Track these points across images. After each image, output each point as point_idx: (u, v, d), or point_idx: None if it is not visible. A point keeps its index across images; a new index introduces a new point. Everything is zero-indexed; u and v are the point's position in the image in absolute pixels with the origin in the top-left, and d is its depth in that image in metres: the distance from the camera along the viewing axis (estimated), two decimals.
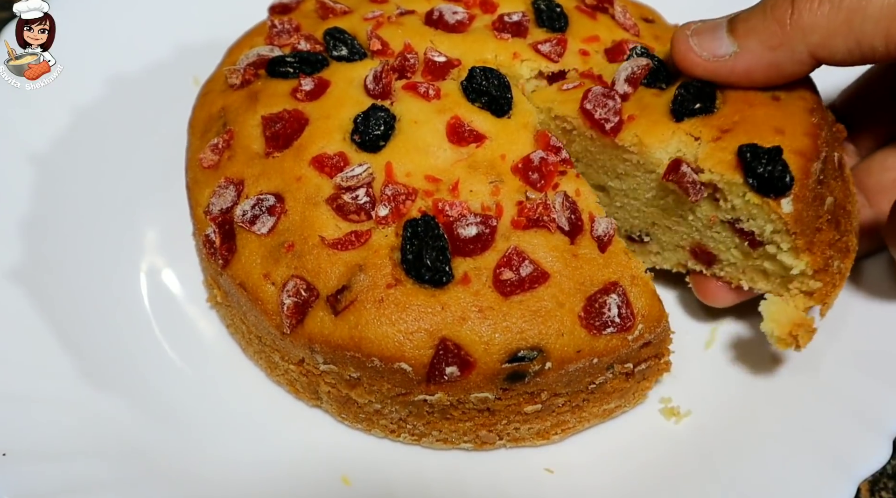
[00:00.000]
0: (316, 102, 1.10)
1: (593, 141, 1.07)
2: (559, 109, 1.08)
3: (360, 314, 0.97)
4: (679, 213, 1.08)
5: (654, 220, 1.13)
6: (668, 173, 1.01)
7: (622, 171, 1.08)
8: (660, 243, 1.16)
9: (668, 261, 1.18)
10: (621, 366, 1.05)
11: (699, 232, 1.09)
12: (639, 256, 1.14)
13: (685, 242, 1.12)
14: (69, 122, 1.36)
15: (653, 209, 1.11)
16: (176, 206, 1.24)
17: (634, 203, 1.12)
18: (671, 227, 1.11)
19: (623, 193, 1.12)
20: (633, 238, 1.18)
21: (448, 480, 1.10)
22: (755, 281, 1.10)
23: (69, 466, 1.02)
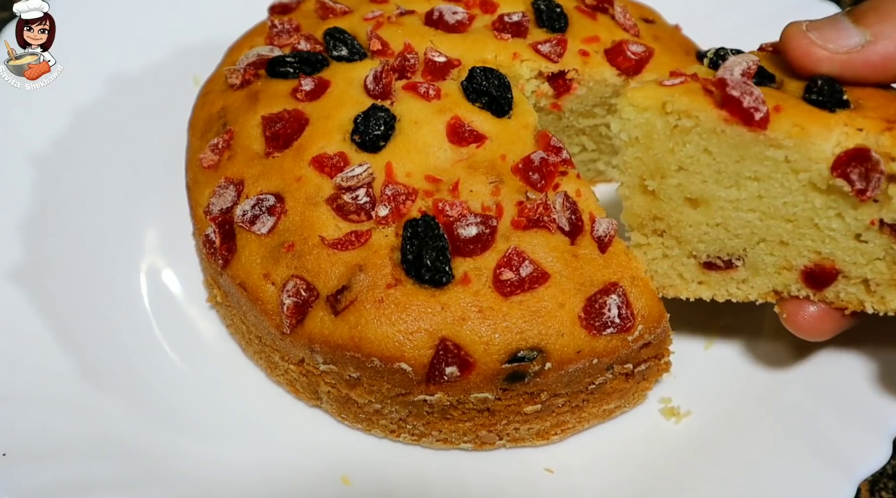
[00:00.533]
0: (316, 102, 1.10)
1: (721, 137, 0.91)
2: (679, 103, 0.91)
3: (360, 314, 0.97)
4: (817, 221, 0.94)
5: (764, 235, 0.97)
6: (840, 166, 0.88)
7: (753, 174, 0.92)
8: (755, 267, 1.00)
9: (757, 289, 1.02)
10: (621, 366, 1.05)
11: (835, 242, 0.95)
12: (709, 288, 1.03)
13: (801, 260, 0.97)
14: (69, 122, 1.36)
15: (774, 221, 0.95)
16: (176, 206, 1.24)
17: (745, 216, 0.96)
18: (791, 241, 0.96)
19: (734, 205, 0.95)
20: (714, 264, 1.01)
21: (448, 480, 1.10)
22: (890, 300, 0.96)
23: (69, 466, 1.02)
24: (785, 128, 0.88)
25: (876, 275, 0.94)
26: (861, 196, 0.89)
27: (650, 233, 1.01)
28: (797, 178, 0.91)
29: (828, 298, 0.99)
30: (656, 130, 0.93)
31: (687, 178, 0.95)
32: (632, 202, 1.00)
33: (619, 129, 0.94)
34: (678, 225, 0.97)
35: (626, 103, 0.93)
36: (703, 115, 0.90)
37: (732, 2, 1.53)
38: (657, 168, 0.96)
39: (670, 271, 1.03)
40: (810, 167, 0.89)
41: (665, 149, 0.94)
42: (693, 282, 1.03)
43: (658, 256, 1.02)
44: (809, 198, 0.92)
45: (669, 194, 0.97)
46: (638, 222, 1.01)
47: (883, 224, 0.91)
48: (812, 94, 0.91)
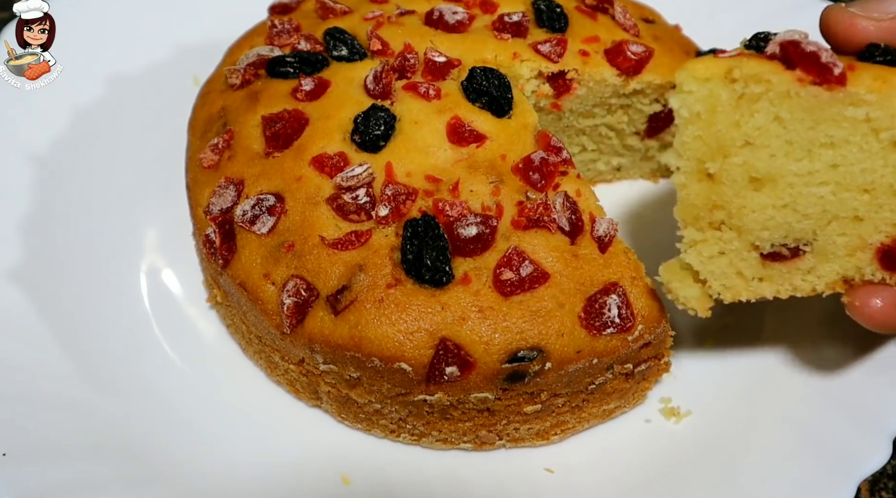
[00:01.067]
0: (316, 102, 1.10)
1: (795, 101, 0.84)
2: (748, 67, 0.84)
3: (360, 314, 0.97)
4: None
5: (837, 211, 0.89)
6: None
7: (828, 140, 0.86)
8: (825, 252, 0.91)
9: (825, 277, 0.93)
10: (621, 366, 1.05)
11: None
12: (771, 284, 0.93)
13: (878, 237, 0.89)
14: (69, 122, 1.36)
15: (849, 193, 0.88)
16: (176, 206, 1.24)
17: (817, 191, 0.88)
18: (867, 215, 0.88)
19: (804, 180, 0.88)
20: (778, 255, 0.92)
21: (448, 480, 1.10)
22: None
23: (69, 466, 1.02)
24: (866, 82, 0.83)
25: None
26: None
27: (706, 227, 0.92)
28: (878, 139, 0.85)
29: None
30: (720, 102, 0.85)
31: (753, 154, 0.87)
32: (689, 191, 0.90)
33: (679, 105, 0.86)
34: (740, 212, 0.89)
35: (688, 75, 0.85)
36: (776, 78, 0.84)
37: (732, 2, 1.54)
38: (719, 147, 0.87)
39: (728, 270, 0.93)
40: (894, 124, 0.84)
41: (730, 122, 0.86)
42: (754, 279, 0.94)
43: (714, 253, 0.93)
44: (891, 160, 0.86)
45: (733, 176, 0.88)
46: (694, 215, 0.91)
47: None
48: (877, 57, 0.86)
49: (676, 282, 0.93)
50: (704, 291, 0.93)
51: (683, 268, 0.92)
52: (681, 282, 0.94)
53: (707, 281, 0.93)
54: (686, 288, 0.93)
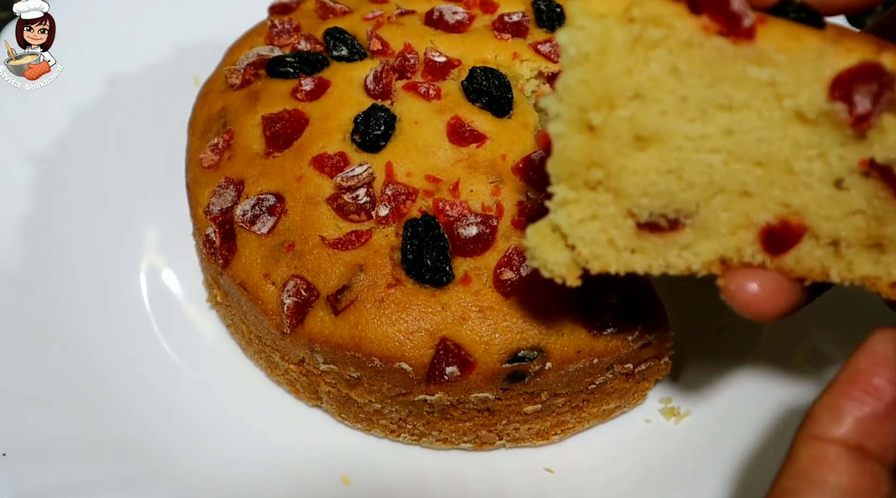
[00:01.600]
0: (316, 102, 1.10)
1: (696, 52, 0.74)
2: (649, 7, 0.73)
3: (361, 314, 0.97)
4: (794, 163, 0.79)
5: (725, 184, 0.80)
6: (842, 85, 0.74)
7: (727, 102, 0.76)
8: (705, 227, 0.82)
9: (702, 256, 0.83)
10: (621, 366, 1.05)
11: (810, 191, 0.79)
12: (644, 258, 0.82)
13: (764, 216, 0.81)
14: (69, 122, 1.36)
15: (741, 165, 0.79)
16: (176, 206, 1.24)
17: (707, 158, 0.79)
18: (756, 191, 0.80)
19: (695, 145, 0.78)
20: (655, 225, 0.82)
21: (448, 480, 1.10)
22: (859, 265, 0.82)
23: (69, 466, 1.02)
24: (776, 39, 0.73)
25: (850, 232, 0.80)
26: (860, 124, 0.74)
27: (581, 186, 0.80)
28: (781, 106, 0.76)
29: (787, 264, 0.82)
30: (614, 44, 0.74)
31: (642, 108, 0.76)
32: (566, 143, 0.77)
33: (567, 42, 0.74)
34: (619, 173, 0.78)
35: (580, 8, 0.73)
36: (679, 23, 0.73)
37: None
38: (606, 96, 0.76)
39: (599, 236, 0.81)
40: (800, 91, 0.74)
41: (621, 69, 0.75)
42: (626, 250, 0.82)
43: (586, 216, 0.81)
44: (791, 132, 0.77)
45: (616, 131, 0.77)
46: (569, 171, 0.79)
47: (873, 165, 0.77)
48: (790, 13, 0.77)
49: (545, 245, 0.82)
50: (573, 258, 0.82)
51: (553, 231, 0.81)
52: (550, 246, 0.82)
53: (576, 247, 0.82)
54: (554, 252, 0.82)
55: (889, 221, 0.78)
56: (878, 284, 0.82)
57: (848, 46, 0.73)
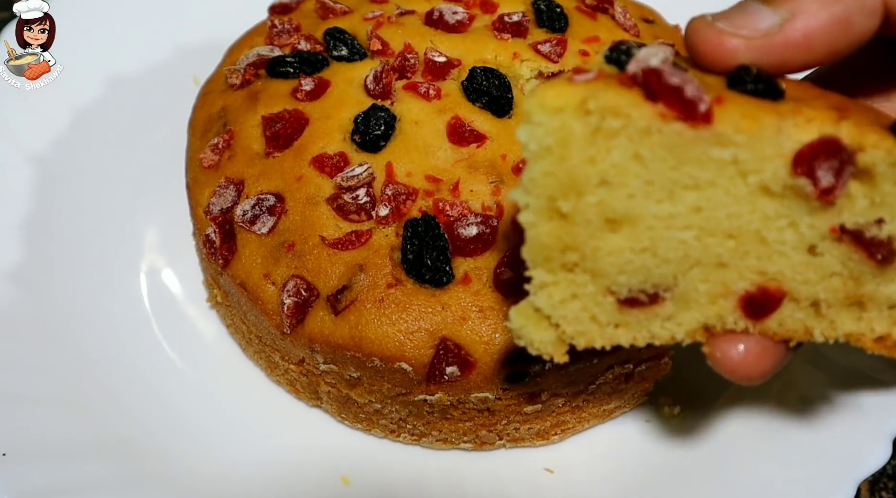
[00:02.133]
0: (316, 102, 1.10)
1: (656, 138, 0.74)
2: (604, 99, 0.73)
3: (361, 314, 0.97)
4: (766, 234, 0.79)
5: (700, 257, 0.80)
6: (804, 162, 0.75)
7: (692, 182, 0.77)
8: (685, 299, 0.82)
9: (685, 325, 0.84)
10: (621, 366, 1.05)
11: (784, 259, 0.80)
12: (628, 331, 0.83)
13: (742, 284, 0.81)
14: (69, 122, 1.36)
15: (713, 239, 0.79)
16: (176, 206, 1.24)
17: (679, 235, 0.79)
18: (731, 262, 0.80)
19: (665, 224, 0.78)
20: (636, 300, 0.82)
21: (448, 480, 1.10)
22: (841, 324, 0.83)
23: (69, 466, 1.02)
24: (734, 120, 0.73)
25: (829, 294, 0.81)
26: (826, 197, 0.76)
27: (558, 269, 0.80)
28: (746, 183, 0.77)
29: (770, 328, 0.84)
30: (574, 136, 0.74)
31: (610, 193, 0.76)
32: (538, 231, 0.78)
33: (527, 138, 0.74)
34: (594, 254, 0.78)
35: (537, 104, 0.73)
36: (636, 112, 0.73)
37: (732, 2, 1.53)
38: (573, 184, 0.76)
39: (582, 314, 0.82)
40: (763, 167, 0.75)
41: (584, 158, 0.75)
42: (610, 325, 0.83)
43: (566, 296, 0.81)
44: (759, 206, 0.78)
45: (587, 216, 0.77)
46: (544, 256, 0.79)
47: (844, 231, 0.78)
48: (748, 85, 0.77)
49: (529, 326, 0.82)
50: (559, 336, 0.82)
51: (536, 311, 0.82)
52: (534, 326, 0.82)
53: (560, 325, 0.82)
54: (539, 332, 0.82)
55: (866, 281, 0.80)
56: (861, 339, 0.84)
57: (806, 116, 0.74)
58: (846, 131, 0.74)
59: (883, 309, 0.82)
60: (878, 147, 0.75)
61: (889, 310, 0.82)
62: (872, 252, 0.79)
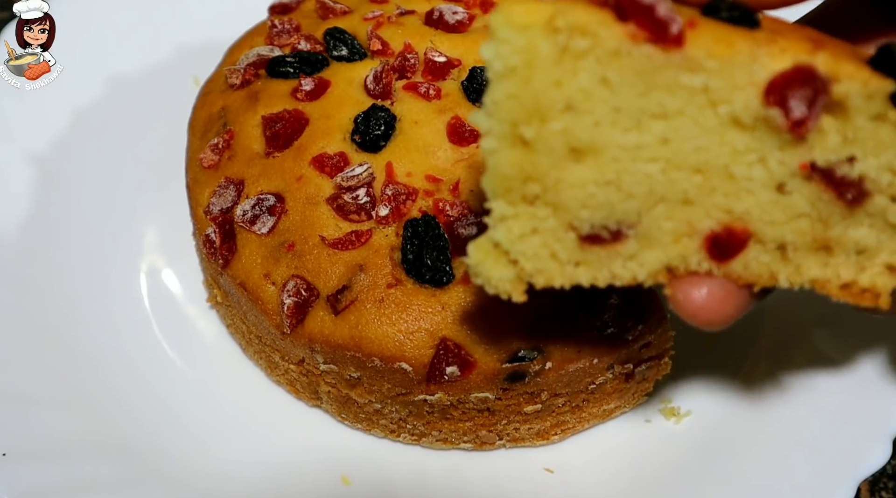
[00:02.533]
0: (316, 102, 1.10)
1: (625, 61, 0.71)
2: (573, 16, 0.70)
3: (361, 314, 0.97)
4: (734, 169, 0.77)
5: (665, 193, 0.78)
6: (777, 90, 0.72)
7: (660, 110, 0.74)
8: (649, 237, 0.80)
9: (647, 266, 0.81)
10: (621, 366, 1.05)
11: (752, 197, 0.78)
12: (588, 270, 0.80)
13: (708, 223, 0.79)
14: (69, 122, 1.36)
15: (680, 173, 0.77)
16: (176, 206, 1.24)
17: (645, 168, 0.76)
18: (697, 199, 0.78)
19: (631, 155, 0.76)
20: (597, 237, 0.79)
21: (448, 480, 1.10)
22: (807, 269, 0.80)
23: (69, 466, 1.02)
24: (706, 44, 0.70)
25: (796, 236, 0.78)
26: (797, 129, 0.72)
27: (518, 200, 0.77)
28: (716, 113, 0.74)
29: (734, 271, 0.80)
30: (540, 56, 0.71)
31: (575, 120, 0.73)
32: (499, 158, 0.75)
33: (491, 56, 0.71)
34: (557, 186, 0.75)
35: (503, 21, 0.70)
36: (605, 32, 0.70)
37: None
38: (537, 109, 0.73)
39: (542, 251, 0.79)
40: (734, 96, 0.72)
41: (550, 81, 0.72)
42: (570, 263, 0.80)
43: (527, 231, 0.78)
44: (728, 138, 0.75)
45: (550, 144, 0.74)
46: (505, 187, 0.76)
47: (814, 168, 0.75)
48: (722, 12, 0.74)
49: (488, 262, 0.79)
50: (517, 274, 0.79)
51: (495, 246, 0.79)
52: (492, 262, 0.79)
53: (518, 262, 0.79)
54: (497, 268, 0.79)
55: (834, 224, 0.77)
56: (827, 286, 0.80)
57: (781, 46, 0.71)
58: (821, 60, 0.71)
59: (850, 254, 0.79)
60: (853, 78, 0.71)
61: (856, 255, 0.79)
62: (842, 192, 0.76)
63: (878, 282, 0.79)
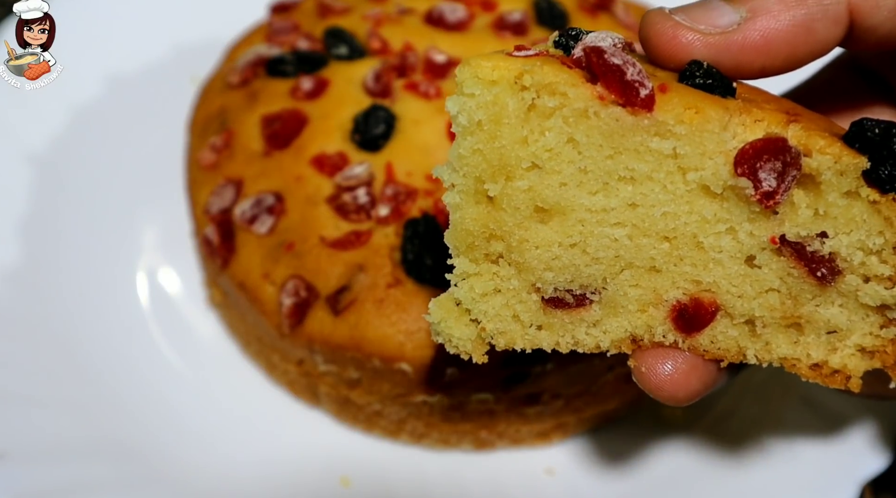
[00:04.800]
0: (315, 102, 1.10)
1: (593, 122, 0.70)
2: (541, 75, 0.69)
3: (361, 314, 0.97)
4: (702, 238, 0.75)
5: (632, 259, 0.76)
6: (747, 161, 0.70)
7: (628, 174, 0.73)
8: (614, 304, 0.78)
9: (611, 334, 0.79)
10: (622, 367, 1.05)
11: (721, 268, 0.76)
12: (551, 334, 0.78)
13: (675, 293, 0.77)
14: (69, 122, 1.36)
15: (647, 240, 0.75)
16: (175, 206, 1.24)
17: (612, 232, 0.75)
18: (665, 267, 0.76)
19: (598, 218, 0.74)
20: (561, 301, 0.77)
21: (448, 481, 1.10)
22: (776, 346, 0.78)
23: (69, 466, 1.02)
24: (676, 110, 0.69)
25: (765, 311, 0.76)
26: (766, 201, 0.71)
27: (482, 259, 0.76)
28: (685, 179, 0.72)
29: (701, 345, 0.78)
30: (506, 112, 0.70)
31: (541, 179, 0.73)
32: (463, 214, 0.74)
33: (457, 110, 0.71)
34: (521, 246, 0.75)
35: (470, 74, 0.69)
36: (573, 92, 0.69)
37: None
38: (502, 166, 0.72)
39: (504, 311, 0.78)
40: (703, 164, 0.71)
41: (516, 138, 0.71)
42: (532, 326, 0.78)
43: (489, 290, 0.77)
44: (697, 206, 0.73)
45: (515, 202, 0.73)
46: (467, 244, 0.75)
47: (784, 242, 0.73)
48: (697, 79, 0.73)
49: (449, 320, 0.78)
50: (479, 334, 0.78)
51: (457, 304, 0.78)
52: (454, 321, 0.78)
53: (480, 322, 0.78)
54: (458, 328, 0.78)
55: (805, 301, 0.75)
56: (797, 365, 0.78)
57: (756, 116, 0.71)
58: (793, 133, 0.70)
59: (821, 334, 0.76)
60: (824, 152, 0.70)
61: (827, 335, 0.76)
62: (813, 268, 0.74)
63: (850, 363, 0.76)
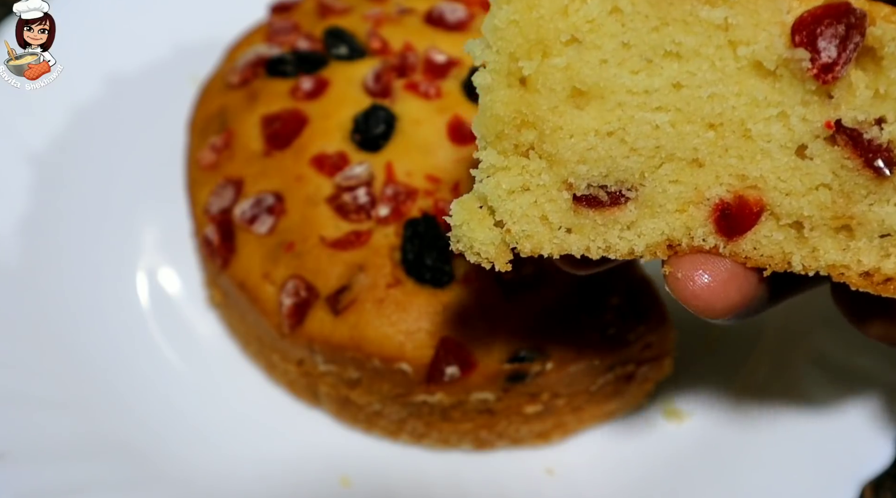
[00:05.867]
0: (315, 102, 1.10)
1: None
2: None
3: (361, 314, 0.97)
4: (751, 125, 0.68)
5: (674, 150, 0.70)
6: (806, 27, 0.64)
7: (674, 49, 0.67)
8: (651, 203, 0.71)
9: (646, 237, 0.72)
10: (622, 367, 1.05)
11: (769, 159, 0.69)
12: (581, 238, 0.72)
13: (718, 190, 0.70)
14: (69, 122, 1.36)
15: (691, 127, 0.69)
16: (175, 206, 1.24)
17: (653, 118, 0.69)
18: (709, 160, 0.70)
19: (639, 101, 0.68)
20: (594, 199, 0.71)
21: (448, 481, 1.10)
22: (824, 252, 0.71)
23: (69, 466, 1.02)
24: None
25: (815, 211, 0.69)
26: (824, 76, 0.64)
27: (511, 150, 0.70)
28: (735, 55, 0.66)
29: (743, 250, 0.71)
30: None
31: (580, 55, 0.66)
32: (495, 97, 0.68)
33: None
34: (554, 135, 0.68)
35: None
36: None
37: None
38: (539, 40, 0.66)
39: (531, 212, 0.71)
40: (757, 36, 0.65)
41: (556, 7, 0.66)
42: (561, 228, 0.72)
43: (517, 187, 0.71)
44: (747, 87, 0.67)
45: (551, 83, 0.67)
46: (497, 131, 0.70)
47: (840, 129, 0.67)
48: None
49: (472, 222, 0.72)
50: (503, 237, 0.72)
51: (481, 205, 0.72)
52: (477, 223, 0.72)
53: (505, 223, 0.72)
54: (481, 231, 0.72)
55: (858, 198, 0.68)
56: (846, 273, 0.71)
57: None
58: (859, 1, 0.63)
59: (873, 237, 0.69)
60: (890, 20, 0.63)
61: (880, 239, 0.69)
62: (870, 158, 0.67)
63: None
